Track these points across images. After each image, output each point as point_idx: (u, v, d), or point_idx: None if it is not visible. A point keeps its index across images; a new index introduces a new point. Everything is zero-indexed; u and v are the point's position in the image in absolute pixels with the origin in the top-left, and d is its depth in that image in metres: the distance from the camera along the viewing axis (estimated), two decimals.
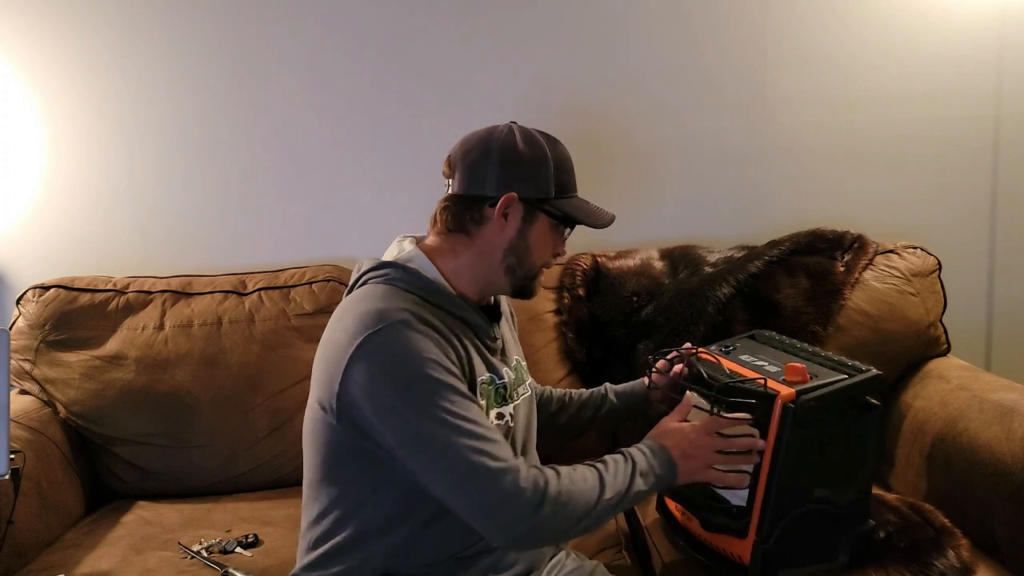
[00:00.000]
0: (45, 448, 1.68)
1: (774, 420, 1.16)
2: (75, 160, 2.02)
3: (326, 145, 2.04)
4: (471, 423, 1.04)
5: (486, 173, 1.15)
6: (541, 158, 1.17)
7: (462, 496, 1.04)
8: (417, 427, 1.03)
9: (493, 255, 1.18)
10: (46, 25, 1.96)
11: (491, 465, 1.03)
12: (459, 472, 1.03)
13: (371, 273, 1.17)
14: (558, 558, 1.29)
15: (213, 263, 2.02)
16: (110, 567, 1.48)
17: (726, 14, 2.01)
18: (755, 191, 2.08)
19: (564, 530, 1.08)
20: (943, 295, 1.85)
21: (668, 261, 1.88)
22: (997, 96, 2.05)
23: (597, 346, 1.83)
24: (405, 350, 1.04)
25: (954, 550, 1.26)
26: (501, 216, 1.16)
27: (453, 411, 1.04)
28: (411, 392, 1.03)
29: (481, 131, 1.20)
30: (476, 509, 1.04)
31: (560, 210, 1.18)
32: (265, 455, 1.81)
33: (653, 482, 1.12)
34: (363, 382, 1.05)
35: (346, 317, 1.10)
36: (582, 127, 2.02)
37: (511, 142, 1.16)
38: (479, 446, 1.03)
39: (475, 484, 1.02)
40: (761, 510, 1.17)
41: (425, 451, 1.04)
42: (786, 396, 1.16)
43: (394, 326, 1.05)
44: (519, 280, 1.21)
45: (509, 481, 1.02)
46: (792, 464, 1.17)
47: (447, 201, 1.19)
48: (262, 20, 1.98)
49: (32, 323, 1.81)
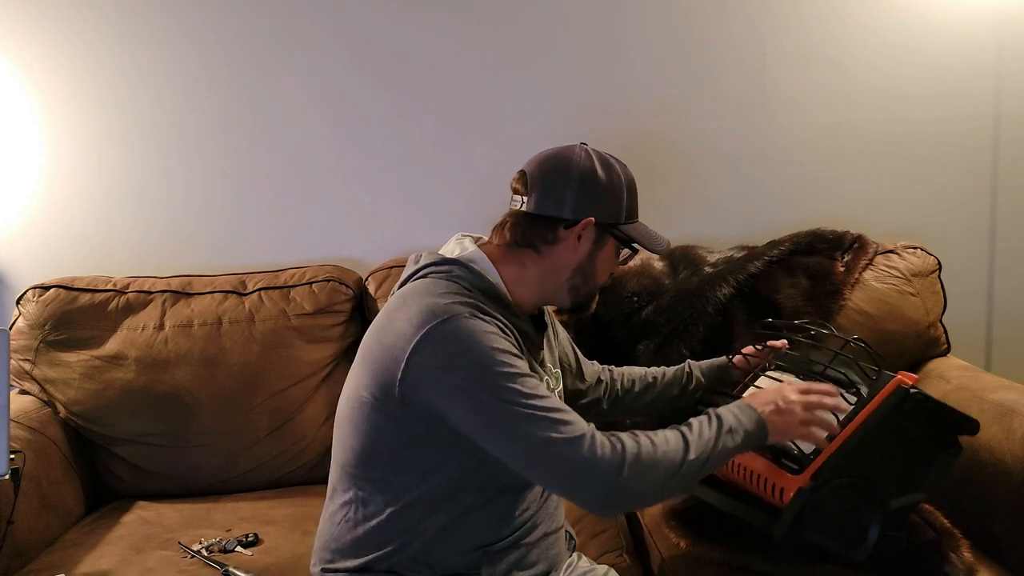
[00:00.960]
0: (45, 448, 1.68)
1: (883, 393, 1.20)
2: (75, 160, 2.02)
3: (326, 145, 2.04)
4: (541, 399, 1.06)
5: (565, 196, 1.17)
6: (617, 184, 1.20)
7: (542, 467, 1.06)
8: (491, 408, 1.05)
9: (560, 274, 1.21)
10: (46, 25, 1.96)
11: (567, 435, 1.04)
12: (535, 445, 1.04)
13: (432, 268, 1.18)
14: (570, 560, 1.31)
15: (213, 263, 2.02)
16: (110, 567, 1.48)
17: (726, 15, 2.01)
18: (755, 191, 2.08)
19: (651, 492, 1.09)
20: (943, 295, 1.85)
21: (668, 261, 1.88)
22: (997, 96, 2.05)
23: (598, 347, 1.82)
24: (472, 336, 1.07)
25: (955, 551, 1.26)
26: (575, 238, 1.19)
27: (523, 391, 1.05)
28: (482, 375, 1.05)
29: (557, 151, 1.22)
30: (559, 478, 1.07)
31: (627, 235, 1.22)
32: (265, 455, 1.81)
33: (742, 438, 1.13)
34: (433, 367, 1.07)
35: (409, 307, 1.11)
36: (582, 128, 2.02)
37: (590, 167, 1.19)
38: (553, 416, 1.05)
39: (553, 454, 1.04)
40: (827, 459, 1.18)
41: (500, 430, 1.06)
42: (905, 380, 1.21)
43: (459, 317, 1.07)
44: (581, 298, 1.25)
45: (586, 448, 1.04)
46: (873, 439, 1.20)
47: (520, 217, 1.20)
48: (263, 20, 1.98)
49: (32, 323, 1.81)
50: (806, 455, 1.20)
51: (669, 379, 1.49)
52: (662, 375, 1.50)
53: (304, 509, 1.67)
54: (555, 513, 1.27)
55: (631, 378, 1.50)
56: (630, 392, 1.49)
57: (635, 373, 1.51)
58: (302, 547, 1.48)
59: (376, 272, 1.93)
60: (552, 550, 1.24)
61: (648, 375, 1.51)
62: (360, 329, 1.90)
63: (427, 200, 2.07)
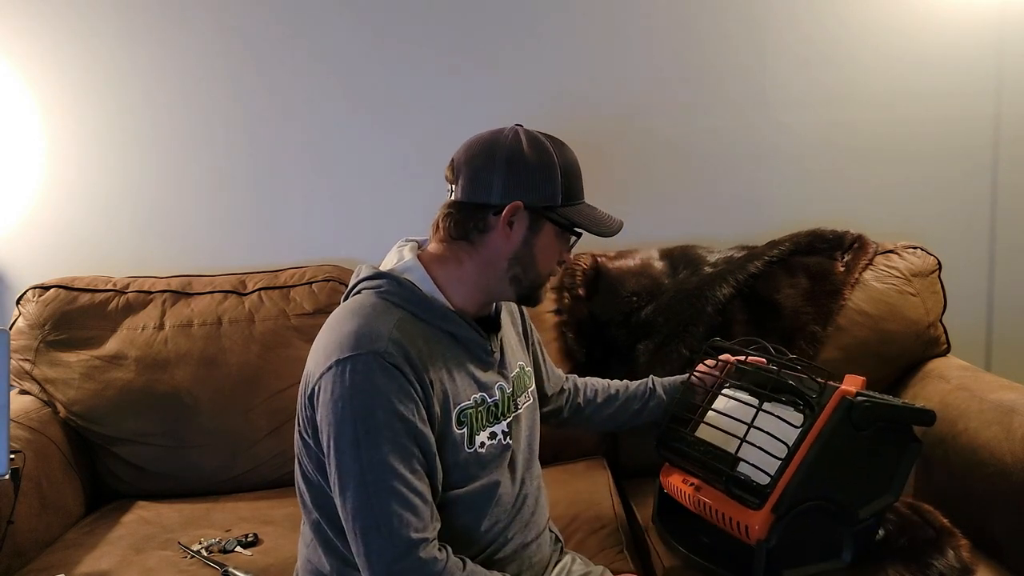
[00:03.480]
0: (45, 448, 1.69)
1: (828, 408, 1.18)
2: (75, 160, 2.02)
3: (327, 145, 2.04)
4: (404, 481, 1.02)
5: (491, 180, 1.11)
6: (548, 164, 1.12)
7: (365, 539, 1.02)
8: (350, 462, 1.03)
9: (498, 264, 1.14)
10: (45, 25, 1.96)
11: (408, 519, 1.01)
12: (371, 517, 1.01)
13: (366, 282, 1.16)
14: (563, 563, 1.29)
15: (213, 263, 2.02)
16: (110, 567, 1.48)
17: (726, 14, 2.01)
18: (755, 191, 2.08)
19: None
20: (943, 295, 1.85)
21: (668, 261, 1.88)
22: (997, 96, 2.05)
23: (597, 346, 1.83)
24: (366, 385, 1.03)
25: (954, 550, 1.26)
26: (506, 225, 1.12)
27: (389, 463, 1.02)
28: (357, 427, 1.03)
29: (485, 134, 1.15)
30: (372, 557, 1.02)
31: (567, 218, 1.14)
32: (265, 455, 1.81)
33: None
34: (322, 402, 1.06)
35: (331, 332, 1.10)
36: (582, 127, 2.02)
37: (517, 147, 1.12)
38: (404, 501, 1.02)
39: (380, 536, 1.01)
40: (784, 488, 1.17)
41: (347, 484, 1.03)
42: (848, 391, 1.20)
43: (366, 357, 1.04)
44: (524, 289, 1.18)
45: (414, 548, 1.01)
46: (828, 456, 1.18)
47: (450, 208, 1.15)
48: (263, 20, 1.98)
49: (32, 323, 1.81)
50: (763, 486, 1.19)
51: (631, 393, 1.47)
52: (624, 388, 1.48)
53: None
54: (532, 521, 1.23)
55: (594, 389, 1.48)
56: (592, 403, 1.47)
57: (598, 385, 1.48)
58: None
59: None
60: (534, 558, 1.22)
61: (611, 387, 1.48)
62: None
63: (427, 200, 2.04)
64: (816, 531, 1.21)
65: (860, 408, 1.18)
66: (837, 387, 1.21)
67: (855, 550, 1.23)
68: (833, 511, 1.20)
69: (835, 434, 1.18)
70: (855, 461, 1.22)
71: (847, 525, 1.22)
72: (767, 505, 1.17)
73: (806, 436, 1.19)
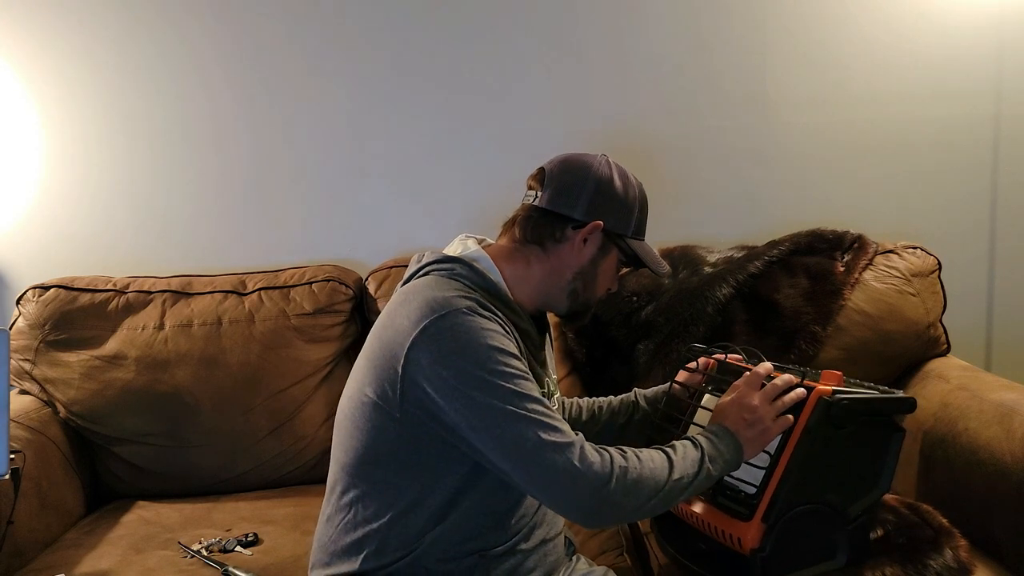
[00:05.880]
0: (45, 448, 1.69)
1: (806, 411, 1.17)
2: (75, 160, 2.02)
3: (327, 145, 2.04)
4: (535, 402, 1.06)
5: (579, 197, 1.19)
6: (632, 198, 1.22)
7: (530, 471, 1.05)
8: (484, 405, 1.05)
9: (563, 275, 1.21)
10: (45, 24, 1.96)
11: (557, 440, 1.04)
12: (525, 447, 1.04)
13: (435, 265, 1.18)
14: (568, 563, 1.29)
15: (213, 263, 2.02)
16: (110, 567, 1.48)
17: (726, 14, 2.01)
18: (755, 191, 2.08)
19: (634, 508, 1.08)
20: (943, 295, 1.85)
21: (668, 261, 1.87)
22: (997, 96, 2.05)
23: (597, 346, 1.83)
24: (471, 333, 1.06)
25: (952, 550, 1.26)
26: (582, 240, 1.19)
27: (516, 391, 1.05)
28: (477, 372, 1.05)
29: (578, 155, 1.23)
30: (545, 484, 1.05)
31: (632, 250, 1.23)
32: (265, 455, 1.81)
33: (722, 466, 1.14)
34: (428, 363, 1.06)
35: (409, 303, 1.11)
36: (582, 128, 2.02)
37: (608, 175, 1.21)
38: (545, 421, 1.05)
39: (542, 459, 1.04)
40: (772, 497, 1.17)
41: (491, 429, 1.05)
42: (824, 390, 1.18)
43: (459, 312, 1.07)
44: (578, 305, 1.24)
45: (576, 455, 1.04)
46: (812, 459, 1.18)
47: (531, 211, 1.21)
48: (263, 21, 1.98)
49: (32, 323, 1.81)
50: (750, 496, 1.19)
51: (615, 408, 1.47)
52: (608, 404, 1.48)
53: (304, 509, 1.67)
54: (555, 519, 1.26)
55: (579, 407, 1.48)
56: (577, 421, 1.45)
57: (583, 403, 1.48)
58: (302, 547, 1.47)
59: (376, 272, 1.93)
60: (550, 556, 1.23)
61: (595, 404, 1.48)
62: (360, 329, 1.90)
63: (427, 200, 2.07)
64: (810, 533, 1.20)
65: (838, 406, 1.17)
66: (814, 386, 1.20)
67: (850, 550, 1.23)
68: (825, 512, 1.20)
69: (816, 436, 1.17)
70: (840, 459, 1.20)
71: (840, 526, 1.22)
72: (757, 515, 1.17)
73: (788, 441, 1.18)
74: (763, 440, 1.17)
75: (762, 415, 1.17)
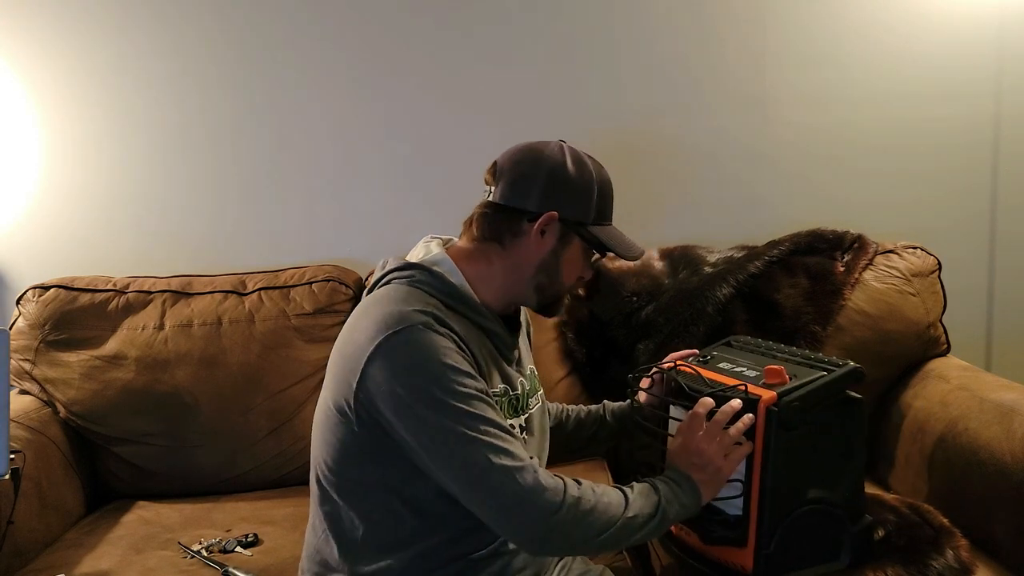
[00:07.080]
0: (45, 448, 1.69)
1: (759, 425, 1.15)
2: (75, 160, 2.02)
3: (327, 145, 2.04)
4: (488, 424, 1.04)
5: (531, 188, 1.15)
6: (587, 183, 1.17)
7: (479, 494, 1.04)
8: (435, 425, 1.03)
9: (524, 270, 1.18)
10: (45, 24, 1.96)
11: (508, 463, 1.02)
12: (476, 469, 1.02)
13: (396, 273, 1.17)
14: (564, 561, 1.29)
15: (213, 263, 2.02)
16: (110, 567, 1.48)
17: (726, 14, 2.01)
18: (755, 191, 2.08)
19: (582, 540, 1.06)
20: (943, 295, 1.85)
21: (668, 261, 1.88)
22: (997, 96, 2.05)
23: (597, 346, 1.83)
24: (424, 350, 1.05)
25: (953, 550, 1.26)
26: (539, 232, 1.16)
27: (470, 411, 1.04)
28: (429, 391, 1.03)
29: (531, 144, 1.19)
30: (493, 508, 1.04)
31: (595, 236, 1.18)
32: (265, 455, 1.81)
33: (678, 509, 1.11)
34: (382, 380, 1.05)
35: (366, 317, 1.11)
36: (582, 127, 2.02)
37: (561, 162, 1.16)
38: (496, 444, 1.03)
39: (492, 482, 1.02)
40: (758, 517, 1.17)
41: (441, 449, 1.04)
42: (768, 400, 1.15)
43: (414, 328, 1.05)
44: (546, 298, 1.22)
45: (527, 480, 1.02)
46: (782, 467, 1.16)
47: (486, 207, 1.19)
48: (263, 21, 1.98)
49: (32, 323, 1.81)
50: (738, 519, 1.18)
51: (581, 419, 1.45)
52: (575, 414, 1.45)
53: (304, 509, 1.65)
54: None
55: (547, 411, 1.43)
56: None
57: (552, 408, 1.45)
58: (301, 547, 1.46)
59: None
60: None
61: (563, 412, 1.45)
62: None
63: (427, 200, 2.07)
64: (812, 533, 1.20)
65: (788, 410, 1.15)
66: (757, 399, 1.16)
67: (853, 548, 1.23)
68: (816, 513, 1.19)
69: (778, 448, 1.15)
70: (809, 454, 1.19)
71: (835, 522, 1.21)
72: (750, 543, 1.17)
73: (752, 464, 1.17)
74: (720, 478, 1.14)
75: (711, 457, 1.12)
